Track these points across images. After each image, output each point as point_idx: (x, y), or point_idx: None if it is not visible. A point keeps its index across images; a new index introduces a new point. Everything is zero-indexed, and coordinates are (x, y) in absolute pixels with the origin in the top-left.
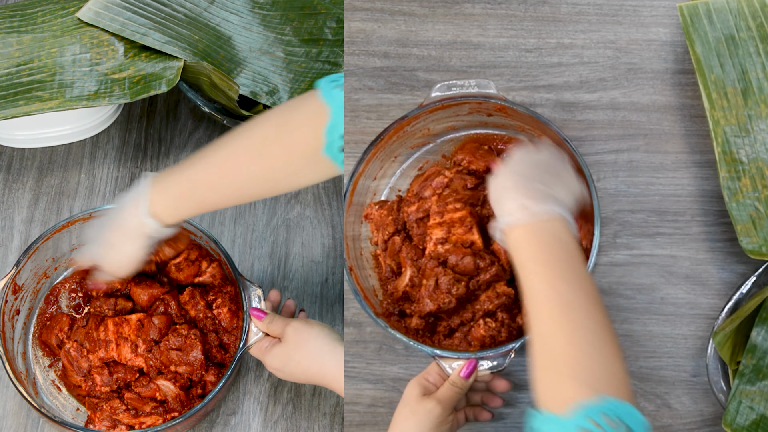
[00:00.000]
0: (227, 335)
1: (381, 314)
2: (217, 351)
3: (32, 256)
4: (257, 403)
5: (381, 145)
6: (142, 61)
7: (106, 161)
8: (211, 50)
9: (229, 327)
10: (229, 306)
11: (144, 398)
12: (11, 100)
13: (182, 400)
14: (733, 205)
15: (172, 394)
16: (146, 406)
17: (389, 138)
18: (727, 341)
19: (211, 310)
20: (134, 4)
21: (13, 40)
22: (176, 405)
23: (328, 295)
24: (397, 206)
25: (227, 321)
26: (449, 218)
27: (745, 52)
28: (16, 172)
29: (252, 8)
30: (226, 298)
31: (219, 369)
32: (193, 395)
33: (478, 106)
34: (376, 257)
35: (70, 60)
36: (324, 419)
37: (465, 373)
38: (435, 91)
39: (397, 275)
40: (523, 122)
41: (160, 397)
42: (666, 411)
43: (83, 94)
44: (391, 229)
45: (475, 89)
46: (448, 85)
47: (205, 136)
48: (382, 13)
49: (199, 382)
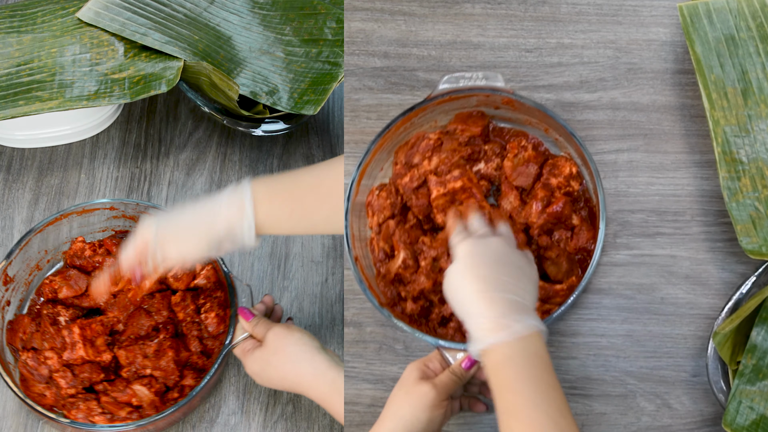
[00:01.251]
0: (212, 341)
1: (385, 304)
2: (199, 357)
3: (24, 247)
4: (257, 403)
5: (388, 136)
6: (142, 61)
7: (106, 161)
8: (211, 50)
9: (215, 332)
10: (217, 311)
11: (120, 403)
12: (11, 100)
13: (157, 406)
14: (733, 205)
15: (147, 400)
16: (122, 410)
17: (396, 129)
18: (727, 341)
19: (199, 314)
20: (134, 4)
21: (13, 40)
22: (151, 410)
23: (328, 295)
24: (395, 188)
25: (214, 326)
26: (451, 188)
27: (745, 52)
28: (16, 172)
29: (252, 8)
30: (215, 303)
31: (199, 374)
32: (168, 399)
33: (486, 99)
34: (371, 241)
35: (70, 60)
36: (324, 419)
37: (467, 365)
38: (443, 83)
39: (390, 258)
40: (530, 116)
41: (136, 402)
42: (666, 411)
43: (83, 94)
44: (387, 213)
45: (483, 82)
46: (456, 77)
47: (205, 136)
48: (382, 13)
49: (175, 387)
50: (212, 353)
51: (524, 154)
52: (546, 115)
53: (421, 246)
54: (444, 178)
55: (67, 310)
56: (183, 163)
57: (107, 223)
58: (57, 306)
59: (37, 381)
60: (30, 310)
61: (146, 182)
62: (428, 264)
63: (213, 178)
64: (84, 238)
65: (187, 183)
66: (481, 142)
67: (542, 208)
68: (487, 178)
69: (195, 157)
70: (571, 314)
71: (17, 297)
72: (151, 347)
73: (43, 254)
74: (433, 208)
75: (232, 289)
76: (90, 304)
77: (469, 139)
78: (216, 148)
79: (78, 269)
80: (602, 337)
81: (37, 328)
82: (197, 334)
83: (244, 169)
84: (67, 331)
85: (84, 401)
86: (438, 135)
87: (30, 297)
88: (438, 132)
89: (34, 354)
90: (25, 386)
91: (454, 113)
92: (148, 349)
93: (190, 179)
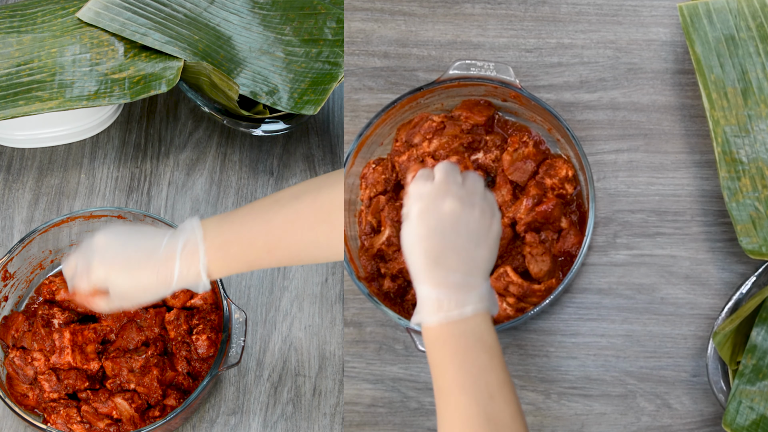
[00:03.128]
0: (200, 363)
1: (363, 279)
2: (185, 378)
3: (27, 245)
4: (257, 403)
5: (392, 112)
6: (142, 61)
7: (106, 161)
8: (211, 50)
9: (204, 355)
10: (209, 334)
11: (100, 414)
12: (11, 100)
13: (136, 422)
14: (733, 205)
15: (127, 415)
16: (101, 422)
17: (402, 106)
18: (727, 341)
19: (191, 335)
20: (134, 4)
21: (13, 40)
22: (130, 426)
23: (328, 295)
24: (391, 165)
25: (204, 348)
26: None
27: (745, 52)
28: (16, 172)
29: (252, 8)
30: (207, 326)
31: (183, 395)
32: (149, 416)
33: (494, 90)
34: (359, 213)
35: (70, 60)
36: (324, 419)
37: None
38: (453, 69)
39: (375, 233)
40: (536, 113)
41: (116, 416)
42: (666, 411)
43: (83, 94)
44: (379, 188)
45: (494, 72)
46: (467, 64)
47: (205, 136)
48: (382, 13)
49: (157, 405)
50: (198, 375)
51: (524, 149)
52: (550, 115)
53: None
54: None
55: (63, 313)
56: (183, 163)
57: None
58: (53, 308)
59: (22, 381)
60: (27, 309)
61: (146, 182)
62: None
63: (213, 178)
64: None
65: (187, 183)
66: (483, 131)
67: (532, 205)
68: (483, 168)
69: (195, 157)
70: (571, 314)
71: (16, 293)
72: (138, 362)
73: (47, 254)
74: None
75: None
76: (85, 310)
77: (472, 127)
78: (216, 148)
79: None
80: (602, 337)
81: (29, 328)
82: (186, 355)
83: (244, 169)
84: (58, 334)
85: (65, 407)
86: (442, 118)
87: (29, 295)
88: (442, 116)
89: (23, 353)
90: (10, 384)
91: (461, 99)
92: (135, 363)
93: (190, 179)
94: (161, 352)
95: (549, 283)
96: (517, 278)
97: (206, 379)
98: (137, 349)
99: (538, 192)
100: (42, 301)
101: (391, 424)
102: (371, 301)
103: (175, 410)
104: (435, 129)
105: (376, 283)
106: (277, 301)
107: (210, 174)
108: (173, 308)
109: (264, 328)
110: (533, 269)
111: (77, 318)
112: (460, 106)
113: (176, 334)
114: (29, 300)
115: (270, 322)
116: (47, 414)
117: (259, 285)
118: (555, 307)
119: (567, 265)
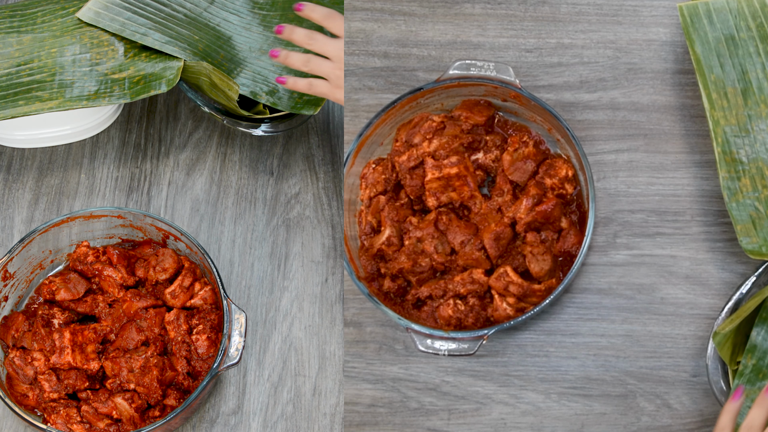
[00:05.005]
0: (200, 363)
1: (363, 279)
2: (184, 378)
3: (27, 245)
4: (257, 403)
5: (392, 112)
6: (142, 61)
7: (106, 161)
8: (211, 50)
9: (204, 355)
10: (208, 334)
11: (100, 414)
12: (11, 100)
13: (136, 422)
14: (733, 205)
15: (127, 415)
16: (101, 422)
17: (402, 106)
18: (727, 341)
19: (191, 335)
20: (134, 4)
21: (13, 40)
22: (130, 426)
23: (328, 295)
24: (391, 165)
25: (204, 348)
26: (446, 173)
27: (745, 52)
28: (16, 172)
29: (252, 8)
30: (207, 326)
31: (183, 395)
32: (149, 416)
33: (494, 90)
34: (360, 213)
35: (70, 60)
36: (324, 419)
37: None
38: (453, 69)
39: (375, 233)
40: (536, 113)
41: (116, 416)
42: (666, 411)
43: (83, 94)
44: (379, 188)
45: (494, 72)
46: (467, 64)
47: (205, 136)
48: (382, 13)
49: (156, 405)
50: (198, 375)
51: (524, 149)
52: (550, 115)
53: (407, 225)
54: (441, 162)
55: (63, 313)
56: (183, 163)
57: (114, 230)
58: (53, 308)
59: (22, 381)
60: (27, 308)
61: (146, 182)
62: (411, 244)
63: (213, 178)
64: (89, 243)
65: (187, 183)
66: (483, 131)
67: (532, 205)
68: (483, 168)
69: (195, 157)
70: (571, 314)
71: (17, 294)
72: (137, 362)
73: (47, 254)
74: (425, 190)
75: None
76: (85, 310)
77: (472, 127)
78: (216, 148)
79: (79, 273)
80: (602, 337)
81: (29, 328)
82: (186, 355)
83: (244, 169)
84: (58, 334)
85: (65, 407)
86: (442, 118)
87: (29, 295)
88: (442, 115)
89: (22, 353)
90: (10, 384)
91: (461, 99)
92: (134, 363)
93: (190, 179)
94: (161, 352)
95: (549, 283)
96: (517, 278)
97: (206, 379)
98: (137, 349)
99: (538, 192)
100: (42, 301)
101: (391, 424)
102: (371, 301)
103: (175, 410)
104: (435, 129)
105: (376, 283)
106: (277, 301)
107: (210, 174)
108: (173, 308)
109: (264, 328)
110: (534, 269)
111: (77, 318)
112: (460, 106)
113: (176, 334)
114: (29, 300)
115: (270, 322)
116: (47, 414)
117: (259, 285)
118: (555, 307)
119: (567, 265)
